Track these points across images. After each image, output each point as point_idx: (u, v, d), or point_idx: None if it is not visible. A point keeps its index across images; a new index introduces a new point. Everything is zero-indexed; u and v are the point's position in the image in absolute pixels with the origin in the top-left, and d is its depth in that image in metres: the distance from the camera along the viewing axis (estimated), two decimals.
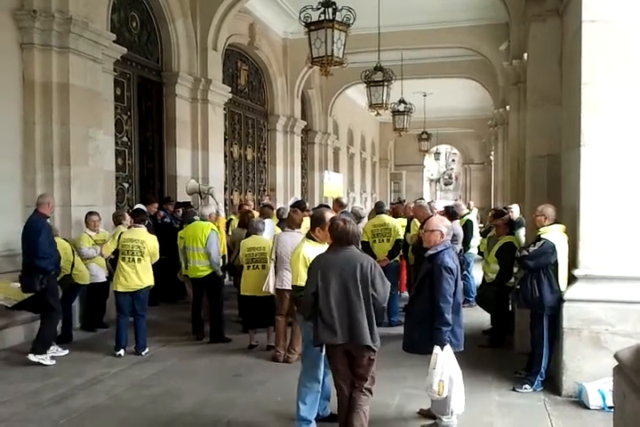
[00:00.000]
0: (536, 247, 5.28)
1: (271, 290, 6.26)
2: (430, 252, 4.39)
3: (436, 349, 4.14)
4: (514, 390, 5.32)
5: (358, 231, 4.03)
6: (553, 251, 5.21)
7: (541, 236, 5.34)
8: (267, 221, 7.42)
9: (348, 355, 3.93)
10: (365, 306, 3.82)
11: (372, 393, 3.99)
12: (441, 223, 4.49)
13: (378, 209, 8.42)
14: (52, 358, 6.13)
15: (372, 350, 3.87)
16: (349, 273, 3.83)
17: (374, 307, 3.85)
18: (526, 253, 5.35)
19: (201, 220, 7.30)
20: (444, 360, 4.13)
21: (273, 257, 6.28)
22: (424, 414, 4.67)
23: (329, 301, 3.84)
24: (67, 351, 6.41)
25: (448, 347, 4.19)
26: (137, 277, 6.43)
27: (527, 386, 5.31)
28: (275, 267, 6.26)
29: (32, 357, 5.95)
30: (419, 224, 7.63)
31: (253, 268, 6.69)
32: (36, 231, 6.00)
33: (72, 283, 6.88)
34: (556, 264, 5.23)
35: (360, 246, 4.32)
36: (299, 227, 6.37)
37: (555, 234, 5.31)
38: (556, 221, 5.46)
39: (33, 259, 5.97)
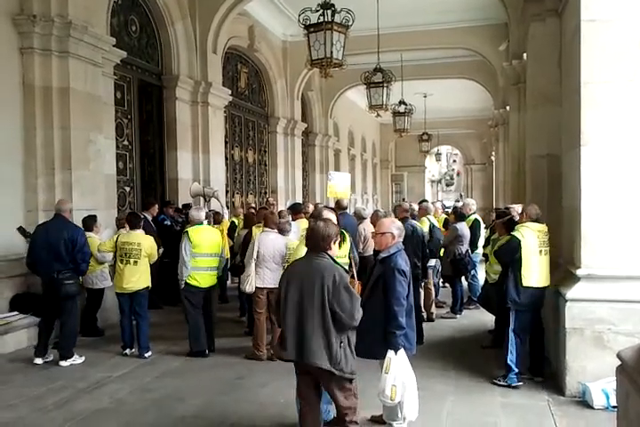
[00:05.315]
0: (504, 242, 5.48)
1: (253, 289, 6.37)
2: (382, 254, 4.27)
3: (390, 353, 4.03)
4: (494, 383, 5.45)
5: (328, 233, 3.73)
6: (518, 247, 5.32)
7: (512, 233, 5.51)
8: (293, 222, 7.44)
9: (309, 375, 3.76)
10: (324, 324, 3.55)
11: (357, 423, 3.87)
12: (392, 225, 4.37)
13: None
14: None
15: (337, 376, 3.60)
16: (309, 286, 3.58)
17: (340, 325, 3.58)
18: (496, 249, 5.55)
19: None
20: (398, 365, 4.02)
21: (255, 256, 6.36)
22: (375, 420, 4.55)
23: (286, 312, 3.64)
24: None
25: (402, 351, 4.07)
26: (133, 278, 6.49)
27: (500, 379, 5.45)
28: (255, 266, 6.36)
29: (64, 362, 6.11)
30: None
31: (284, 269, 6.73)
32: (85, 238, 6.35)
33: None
34: (519, 260, 5.33)
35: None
36: (276, 226, 6.58)
37: (524, 230, 5.41)
38: (537, 220, 5.52)
39: (81, 263, 6.23)
